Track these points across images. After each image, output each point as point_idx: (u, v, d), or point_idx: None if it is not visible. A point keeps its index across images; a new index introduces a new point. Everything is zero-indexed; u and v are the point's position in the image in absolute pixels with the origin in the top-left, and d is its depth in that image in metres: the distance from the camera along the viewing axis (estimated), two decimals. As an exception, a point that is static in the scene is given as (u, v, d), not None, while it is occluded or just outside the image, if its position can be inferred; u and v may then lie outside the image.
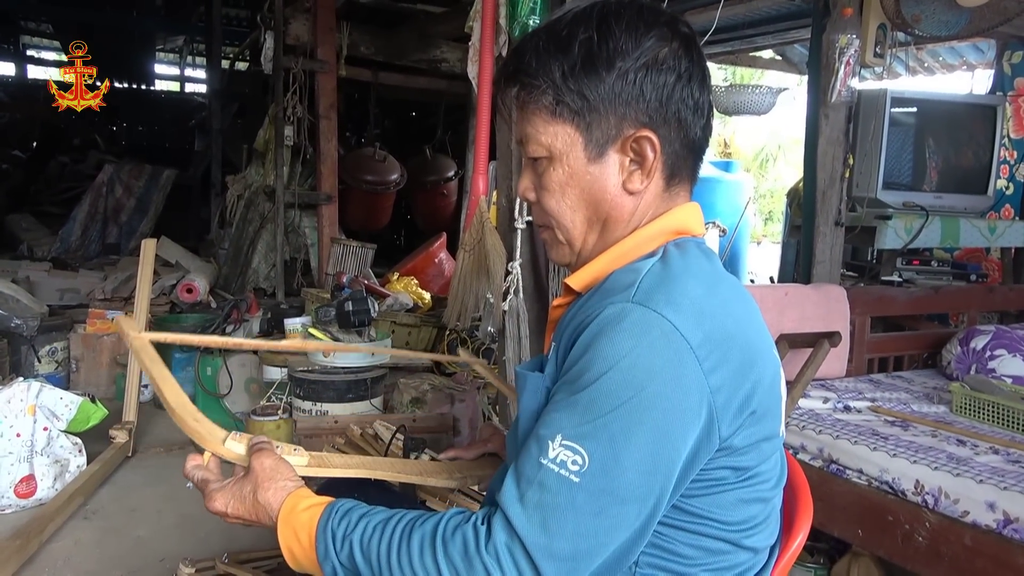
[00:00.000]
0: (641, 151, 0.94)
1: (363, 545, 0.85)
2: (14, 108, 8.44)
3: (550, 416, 0.84)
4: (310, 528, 0.89)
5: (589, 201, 0.96)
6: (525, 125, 0.97)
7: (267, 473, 0.96)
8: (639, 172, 0.95)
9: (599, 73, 0.91)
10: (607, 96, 0.91)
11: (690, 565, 0.90)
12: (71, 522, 2.60)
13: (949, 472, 1.73)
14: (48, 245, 6.32)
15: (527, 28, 2.14)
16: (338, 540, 0.87)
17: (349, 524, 0.88)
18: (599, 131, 0.93)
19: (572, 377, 0.84)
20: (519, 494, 0.81)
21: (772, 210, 13.83)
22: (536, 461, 0.82)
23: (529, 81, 0.94)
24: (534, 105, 0.95)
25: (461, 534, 0.82)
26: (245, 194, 5.35)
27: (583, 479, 0.79)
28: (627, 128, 0.93)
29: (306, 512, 0.91)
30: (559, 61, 0.92)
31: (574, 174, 0.95)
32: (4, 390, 2.66)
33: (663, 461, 0.81)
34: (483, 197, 2.34)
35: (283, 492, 0.94)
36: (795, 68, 5.89)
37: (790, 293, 2.47)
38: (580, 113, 0.93)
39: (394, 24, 5.53)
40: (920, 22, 2.54)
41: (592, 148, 0.94)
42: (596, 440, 0.79)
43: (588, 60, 0.91)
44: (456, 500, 2.34)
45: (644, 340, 0.81)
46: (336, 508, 0.90)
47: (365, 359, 3.17)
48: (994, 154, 3.07)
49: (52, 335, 4.00)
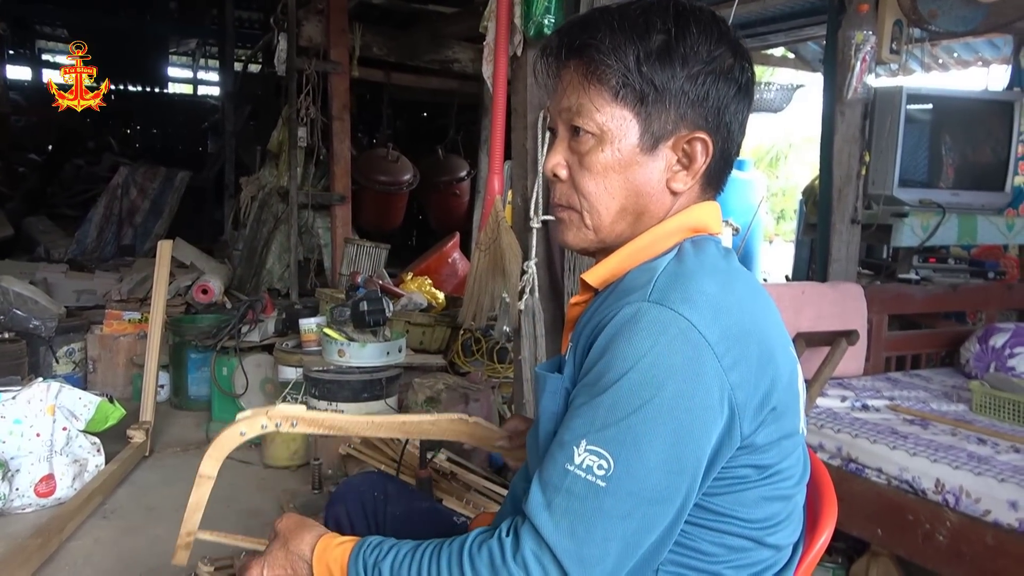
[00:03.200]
0: (692, 153, 0.94)
1: (393, 569, 0.87)
2: (30, 112, 8.51)
3: (573, 421, 0.83)
4: (342, 561, 0.92)
5: (630, 191, 0.95)
6: (581, 97, 0.94)
7: (293, 528, 1.00)
8: (684, 173, 0.95)
9: (674, 67, 0.91)
10: (675, 91, 0.91)
11: (713, 562, 0.89)
12: (90, 521, 2.62)
13: (970, 471, 1.71)
14: (64, 247, 6.37)
15: (542, 28, 2.13)
16: (369, 567, 0.89)
17: (380, 553, 0.89)
18: (657, 124, 0.92)
19: (592, 380, 0.84)
20: (546, 501, 0.81)
21: (784, 208, 13.76)
22: (562, 468, 0.81)
23: (600, 58, 0.92)
24: (598, 83, 0.93)
25: (487, 548, 0.82)
26: (259, 195, 5.37)
27: (610, 483, 0.79)
28: (683, 128, 0.93)
29: (339, 548, 0.94)
30: (635, 44, 0.91)
31: (622, 160, 0.94)
32: (24, 390, 2.69)
33: (689, 460, 0.80)
34: (498, 196, 2.34)
35: (314, 538, 0.97)
36: (808, 65, 5.86)
37: (807, 291, 2.46)
38: (644, 101, 0.92)
39: (406, 25, 5.54)
40: (937, 18, 2.53)
41: (647, 139, 0.93)
42: (621, 443, 0.79)
43: (665, 51, 0.90)
44: (473, 499, 2.34)
45: (662, 339, 0.80)
46: (368, 540, 0.93)
47: (379, 358, 3.18)
48: (1011, 150, 3.05)
49: (69, 336, 4.04)
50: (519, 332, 2.31)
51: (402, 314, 3.80)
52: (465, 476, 2.46)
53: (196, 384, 3.88)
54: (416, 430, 1.27)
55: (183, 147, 9.18)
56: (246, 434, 1.17)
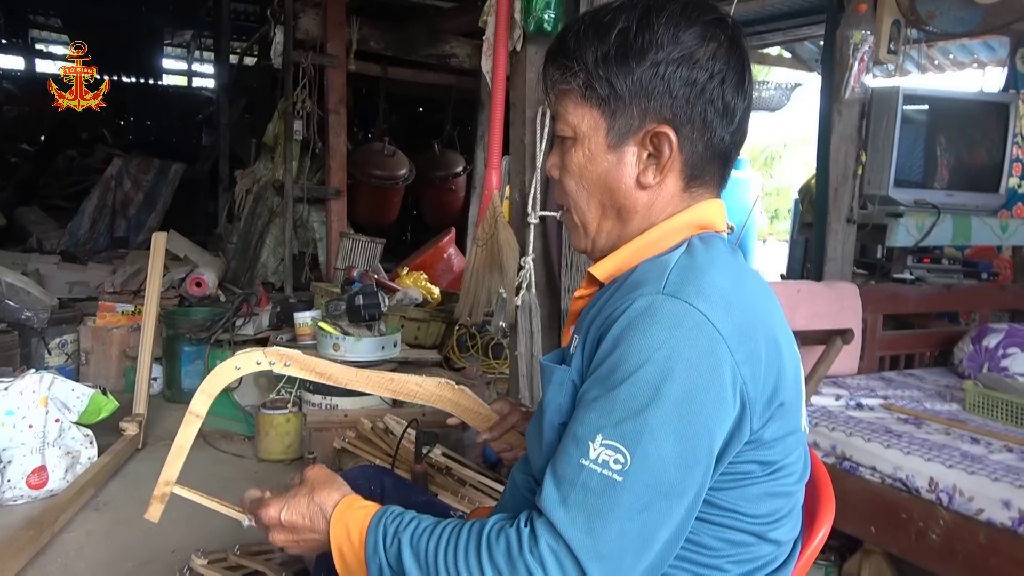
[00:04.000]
0: (659, 147, 0.94)
1: (412, 542, 0.87)
2: (23, 102, 8.45)
3: (587, 416, 0.83)
4: (362, 525, 0.91)
5: (603, 188, 0.97)
6: (557, 104, 0.99)
7: (321, 480, 1.00)
8: (654, 168, 0.95)
9: (629, 64, 0.92)
10: (634, 87, 0.92)
11: (715, 556, 0.90)
12: (82, 513, 2.61)
13: (964, 470, 1.72)
14: (57, 238, 6.33)
15: (542, 23, 2.13)
16: (389, 536, 0.89)
17: (401, 523, 0.90)
18: (622, 121, 0.94)
19: (604, 373, 0.83)
20: (561, 497, 0.81)
21: (778, 208, 13.80)
22: (577, 463, 0.81)
23: (564, 62, 0.96)
24: (565, 85, 0.96)
25: (505, 537, 0.82)
26: (254, 188, 5.35)
27: (626, 478, 0.79)
28: (649, 122, 0.93)
29: (361, 511, 0.94)
30: (595, 47, 0.93)
31: (593, 158, 0.96)
32: (17, 381, 2.67)
33: (702, 453, 0.81)
34: (496, 192, 2.34)
35: (338, 494, 0.97)
36: (804, 65, 5.88)
37: (802, 290, 2.47)
38: (606, 100, 0.93)
39: (404, 19, 5.53)
40: (935, 19, 2.54)
41: (613, 136, 0.95)
42: (637, 436, 0.79)
43: (621, 49, 0.92)
44: (468, 494, 2.34)
45: (677, 332, 0.80)
46: (391, 509, 0.93)
47: (375, 353, 3.17)
48: (1006, 152, 3.06)
49: (62, 328, 4.02)
50: (516, 328, 2.31)
51: (397, 309, 3.80)
52: (460, 471, 2.46)
53: (189, 377, 3.87)
54: (403, 390, 1.27)
55: (177, 139, 9.13)
56: (241, 369, 1.17)
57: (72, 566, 2.29)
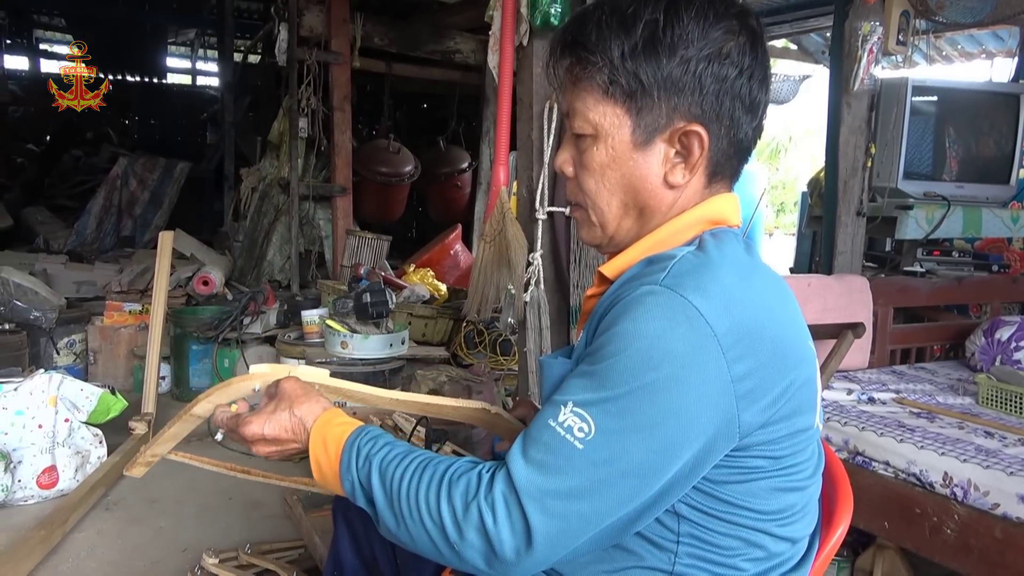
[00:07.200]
0: (688, 146, 0.92)
1: (381, 467, 0.89)
2: (28, 102, 8.46)
3: (567, 384, 0.85)
4: (339, 441, 0.93)
5: (628, 187, 0.95)
6: (574, 99, 0.95)
7: (300, 392, 1.00)
8: (682, 166, 0.93)
9: (659, 58, 0.89)
10: (664, 83, 0.89)
11: (731, 556, 0.89)
12: (93, 513, 2.62)
13: (978, 464, 1.71)
14: (64, 238, 6.35)
15: (548, 17, 2.11)
16: (361, 457, 0.91)
17: (375, 446, 0.91)
18: (649, 117, 0.91)
19: (593, 350, 0.85)
20: (523, 451, 0.83)
21: (784, 201, 13.73)
22: (545, 423, 0.83)
23: (585, 56, 0.92)
24: (587, 81, 0.93)
25: (466, 479, 0.84)
26: (259, 186, 5.35)
27: (587, 447, 0.80)
28: (678, 119, 0.91)
29: (339, 427, 0.95)
30: (620, 39, 0.90)
31: (617, 157, 0.94)
32: (26, 382, 2.68)
33: (672, 443, 0.80)
34: (504, 187, 2.33)
35: (319, 407, 0.98)
36: (810, 57, 5.84)
37: (812, 284, 2.45)
38: (632, 96, 0.90)
39: (408, 15, 5.51)
40: (944, 9, 2.52)
41: (639, 134, 0.92)
42: (605, 412, 0.80)
43: (650, 43, 0.89)
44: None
45: (666, 323, 0.80)
46: (366, 430, 0.94)
47: (382, 350, 3.17)
48: (1016, 143, 3.03)
49: (70, 327, 4.03)
50: (524, 324, 2.30)
51: (405, 306, 3.79)
52: (469, 468, 2.45)
53: (198, 376, 3.87)
54: (437, 411, 1.25)
55: (182, 138, 9.14)
56: (259, 390, 1.12)
57: (83, 566, 2.30)
